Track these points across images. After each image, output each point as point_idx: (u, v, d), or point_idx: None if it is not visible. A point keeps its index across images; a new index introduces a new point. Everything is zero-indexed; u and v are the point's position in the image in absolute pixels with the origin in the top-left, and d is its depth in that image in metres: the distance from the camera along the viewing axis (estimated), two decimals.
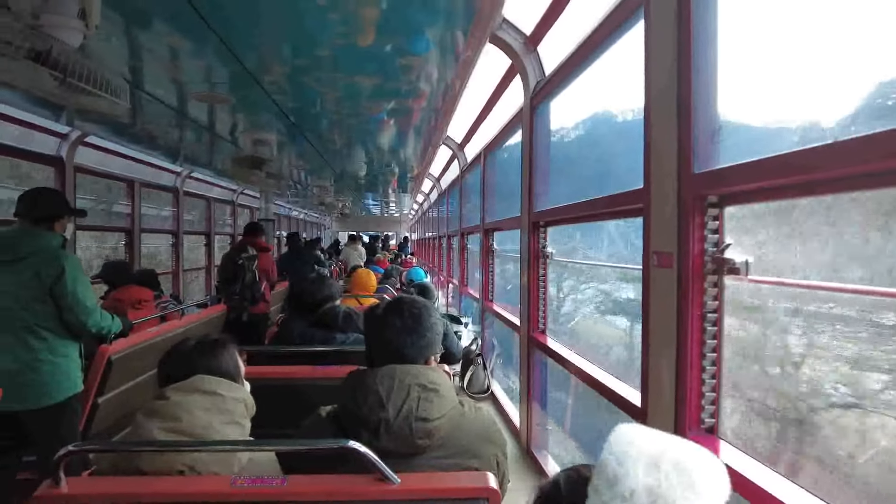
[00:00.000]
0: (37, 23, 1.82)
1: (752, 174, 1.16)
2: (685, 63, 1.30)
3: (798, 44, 1.19)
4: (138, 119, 3.95)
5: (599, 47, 1.99)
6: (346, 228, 17.81)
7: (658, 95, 1.42)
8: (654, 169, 1.45)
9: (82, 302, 2.62)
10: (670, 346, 1.35)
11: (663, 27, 1.39)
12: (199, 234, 7.48)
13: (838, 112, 1.15)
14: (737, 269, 1.21)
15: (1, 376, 2.44)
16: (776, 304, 1.35)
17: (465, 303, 5.87)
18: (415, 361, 1.43)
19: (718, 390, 1.31)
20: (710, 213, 1.28)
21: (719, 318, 1.30)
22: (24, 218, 2.56)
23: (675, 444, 0.65)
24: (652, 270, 1.44)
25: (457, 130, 5.05)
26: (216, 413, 1.43)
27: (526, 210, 2.80)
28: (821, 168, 1.00)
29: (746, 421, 1.41)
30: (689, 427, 1.31)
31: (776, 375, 1.47)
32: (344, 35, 2.35)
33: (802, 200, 1.20)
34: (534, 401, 2.80)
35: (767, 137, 1.32)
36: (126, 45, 2.54)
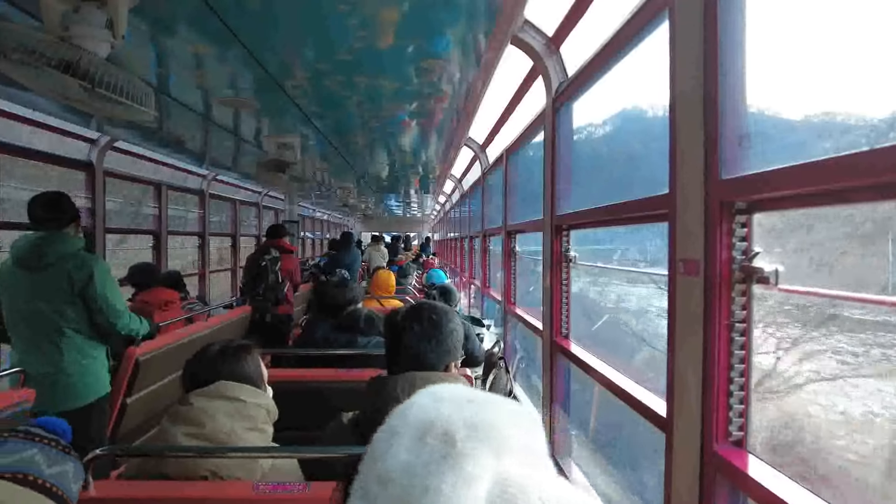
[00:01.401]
0: (66, 34, 1.87)
1: (782, 181, 1.12)
2: (712, 65, 1.26)
3: (831, 45, 1.15)
4: (165, 124, 4.04)
5: (623, 48, 1.96)
6: (368, 229, 17.95)
7: (683, 98, 1.39)
8: (679, 174, 1.41)
9: (113, 305, 2.69)
10: (696, 356, 1.32)
11: (689, 28, 1.35)
12: (225, 236, 7.60)
13: (876, 117, 1.10)
14: (766, 278, 1.17)
15: (32, 379, 2.51)
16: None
17: (488, 304, 5.85)
18: (435, 368, 1.44)
19: (747, 402, 1.27)
20: (738, 220, 1.24)
21: (748, 327, 1.26)
22: (47, 223, 2.62)
23: (463, 407, 0.52)
24: (678, 278, 1.41)
25: (479, 132, 5.04)
26: (239, 419, 1.45)
27: (548, 213, 2.77)
28: (856, 176, 0.96)
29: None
30: (716, 440, 1.27)
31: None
32: (364, 38, 2.36)
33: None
34: (557, 407, 2.77)
35: (799, 143, 1.28)
36: (152, 53, 2.59)
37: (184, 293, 4.82)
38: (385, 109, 3.58)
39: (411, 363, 1.43)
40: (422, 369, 1.42)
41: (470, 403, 0.52)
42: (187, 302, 4.73)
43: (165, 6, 2.09)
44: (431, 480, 0.45)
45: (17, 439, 0.99)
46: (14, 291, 2.59)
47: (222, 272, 7.59)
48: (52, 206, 2.64)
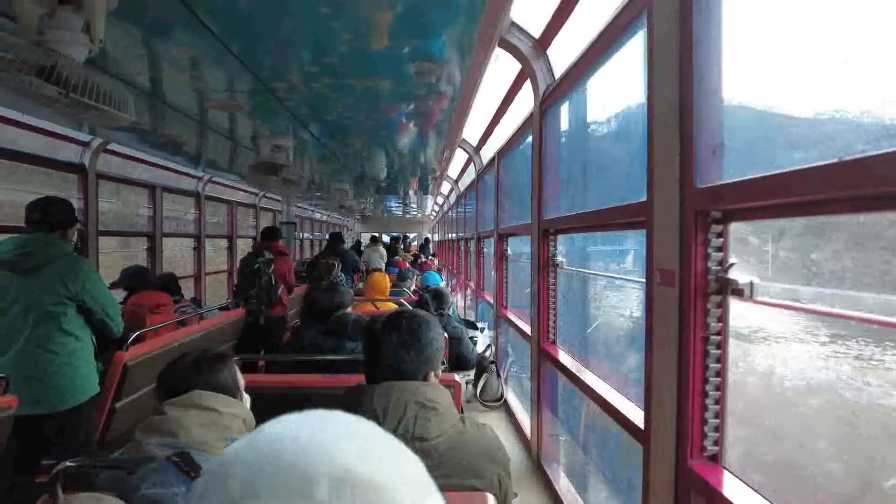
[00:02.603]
0: (42, 38, 1.84)
1: (757, 190, 1.09)
2: (687, 75, 1.23)
3: (807, 57, 1.12)
4: (158, 126, 4.02)
5: (606, 53, 1.93)
6: (368, 229, 17.94)
7: (660, 106, 1.36)
8: (656, 181, 1.38)
9: (109, 307, 2.70)
10: (672, 369, 1.29)
11: (665, 39, 1.32)
12: (222, 238, 7.58)
13: (851, 129, 1.07)
14: (741, 290, 1.14)
15: (23, 381, 2.50)
16: None
17: (483, 308, 5.82)
18: (414, 377, 1.41)
19: (723, 417, 1.24)
20: (714, 230, 1.21)
21: (723, 340, 1.23)
22: (39, 226, 2.61)
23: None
24: (655, 288, 1.38)
25: (473, 133, 5.01)
26: (213, 429, 1.42)
27: (536, 217, 2.74)
28: (830, 187, 0.94)
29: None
30: (690, 455, 1.24)
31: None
32: (352, 42, 2.35)
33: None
34: (544, 412, 2.74)
35: (775, 153, 1.25)
36: (143, 57, 2.57)
37: (177, 296, 4.80)
38: (376, 111, 3.56)
39: (389, 373, 1.40)
40: (400, 379, 1.40)
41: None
42: (180, 305, 4.71)
43: (151, 11, 2.07)
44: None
45: (173, 469, 0.94)
46: (2, 293, 2.58)
47: (220, 273, 7.58)
48: (41, 209, 2.64)
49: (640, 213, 1.47)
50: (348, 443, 0.37)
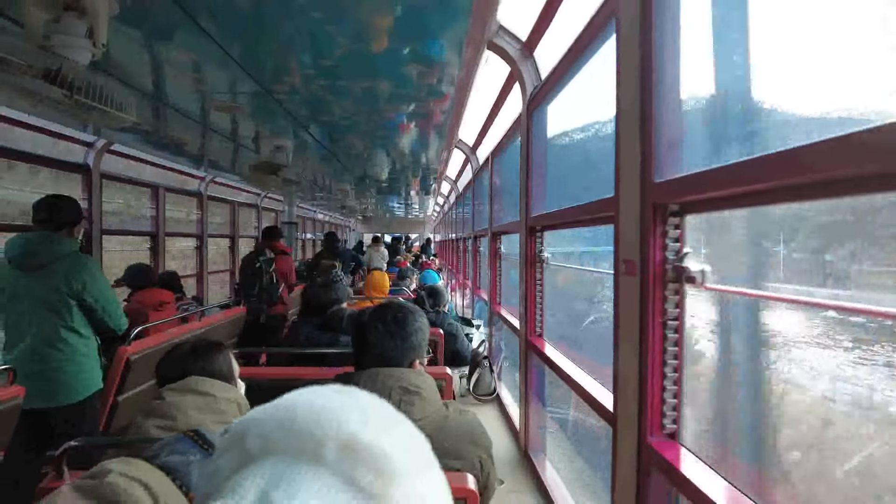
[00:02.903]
0: (48, 43, 1.94)
1: (711, 183, 1.17)
2: (647, 76, 1.32)
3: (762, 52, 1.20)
4: (160, 127, 4.12)
5: (584, 56, 2.02)
6: (370, 230, 18.04)
7: (625, 106, 1.44)
8: (622, 178, 1.47)
9: (113, 304, 2.79)
10: (635, 352, 1.37)
11: (629, 44, 1.41)
12: (224, 238, 7.69)
13: (793, 122, 1.16)
14: (693, 277, 1.22)
15: (29, 376, 2.59)
16: None
17: (479, 305, 5.90)
18: (399, 364, 1.49)
19: (680, 397, 1.32)
20: (671, 222, 1.29)
21: (680, 325, 1.31)
22: (45, 225, 2.70)
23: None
24: (620, 278, 1.47)
25: (469, 134, 5.10)
26: (209, 413, 1.50)
27: (523, 215, 2.82)
28: (780, 176, 1.01)
29: None
30: (651, 432, 1.32)
31: None
32: (346, 46, 2.43)
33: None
34: (531, 403, 2.82)
35: (729, 147, 1.33)
36: (137, 60, 2.67)
37: (179, 294, 4.90)
38: (373, 113, 3.65)
39: (376, 360, 1.48)
40: (386, 366, 1.47)
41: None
42: (183, 302, 4.82)
43: (152, 16, 2.16)
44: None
45: (189, 441, 1.03)
46: (9, 290, 2.67)
47: (222, 273, 7.68)
48: (48, 208, 2.72)
49: (609, 207, 1.55)
50: (357, 412, 0.41)
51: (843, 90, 1.09)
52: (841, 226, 1.17)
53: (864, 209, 1.10)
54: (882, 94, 0.99)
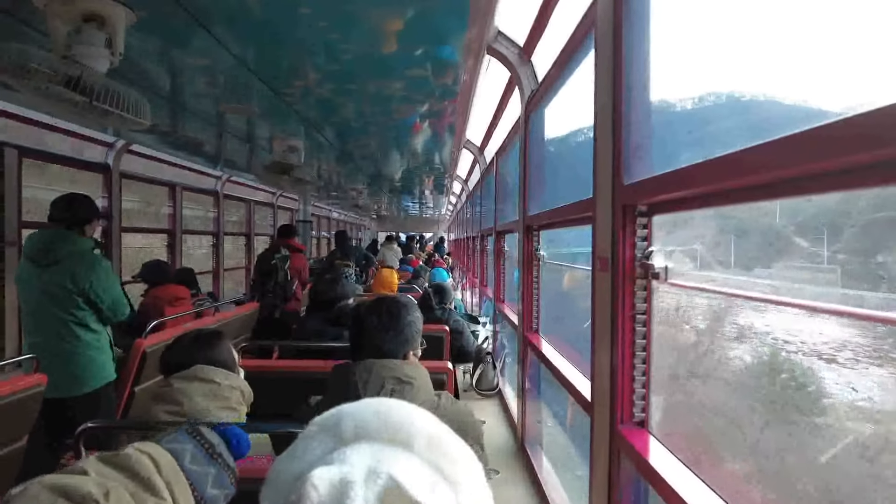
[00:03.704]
0: (69, 52, 2.07)
1: (675, 184, 1.25)
2: (618, 82, 1.40)
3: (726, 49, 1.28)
4: (177, 128, 4.28)
5: (573, 62, 2.10)
6: (384, 229, 18.19)
7: (600, 110, 1.52)
8: (598, 180, 1.55)
9: (113, 300, 2.91)
10: (607, 345, 1.45)
11: (604, 52, 1.49)
12: (240, 235, 7.86)
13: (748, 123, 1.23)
14: (658, 273, 1.30)
15: (46, 368, 2.73)
16: None
17: (487, 303, 5.99)
18: (393, 356, 1.57)
19: (648, 387, 1.40)
20: (640, 222, 1.37)
21: (648, 319, 1.39)
22: (59, 222, 2.83)
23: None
24: (596, 274, 1.55)
25: (476, 135, 5.18)
26: (213, 399, 1.61)
27: (521, 214, 2.91)
28: (742, 175, 1.06)
29: None
30: (621, 420, 1.41)
31: None
32: (351, 50, 2.54)
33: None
34: (528, 397, 2.91)
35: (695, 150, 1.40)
36: (153, 66, 2.81)
37: (195, 289, 5.06)
38: (383, 114, 3.75)
39: (371, 351, 1.57)
40: (381, 357, 1.56)
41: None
42: (198, 298, 4.98)
43: (167, 25, 2.29)
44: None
45: (186, 434, 1.15)
46: (26, 284, 2.81)
47: (238, 270, 7.85)
48: (61, 206, 2.85)
49: (589, 208, 1.64)
50: (434, 419, 0.51)
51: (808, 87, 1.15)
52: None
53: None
54: (851, 86, 1.02)
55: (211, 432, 1.21)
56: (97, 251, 2.94)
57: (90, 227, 2.94)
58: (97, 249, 2.95)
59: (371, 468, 0.42)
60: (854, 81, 1.01)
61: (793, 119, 1.09)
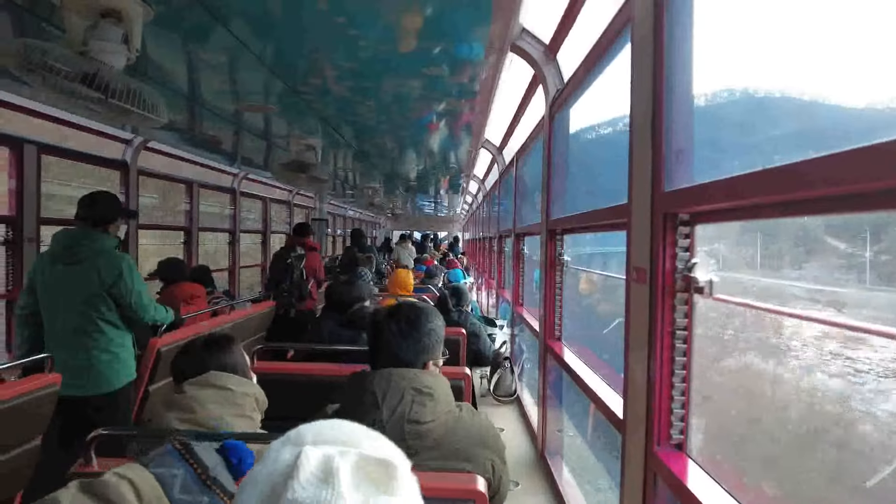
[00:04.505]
0: (86, 49, 2.03)
1: (721, 193, 1.16)
2: (659, 84, 1.31)
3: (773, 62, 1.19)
4: (194, 126, 4.26)
5: (604, 60, 2.01)
6: (399, 227, 18.18)
7: (637, 113, 1.44)
8: (634, 185, 1.47)
9: (140, 300, 2.89)
10: (643, 361, 1.37)
11: (642, 50, 1.41)
12: (256, 233, 7.86)
13: (811, 132, 1.14)
14: (701, 287, 1.22)
15: (66, 366, 2.71)
16: None
17: (504, 306, 5.91)
18: (412, 365, 1.50)
19: (687, 407, 1.32)
20: (681, 232, 1.29)
21: (689, 335, 1.31)
22: (84, 221, 2.82)
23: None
24: (631, 285, 1.46)
25: (495, 134, 5.11)
26: (227, 406, 1.55)
27: (544, 217, 2.83)
28: (793, 188, 0.99)
29: None
30: (657, 442, 1.32)
31: None
32: (370, 48, 2.48)
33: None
34: (549, 407, 2.83)
35: (743, 157, 1.31)
36: (170, 63, 2.77)
37: (210, 287, 5.04)
38: (398, 113, 3.70)
39: (389, 360, 1.50)
40: (399, 366, 1.49)
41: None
42: (213, 296, 4.96)
43: (185, 21, 2.25)
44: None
45: (177, 454, 1.09)
46: (50, 283, 2.80)
47: (254, 267, 7.85)
48: (87, 205, 2.84)
49: (623, 214, 1.55)
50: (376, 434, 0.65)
51: (868, 96, 1.06)
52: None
53: None
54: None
55: (209, 450, 1.13)
56: (118, 249, 2.92)
57: (114, 225, 2.92)
58: (119, 248, 2.93)
59: (342, 450, 0.57)
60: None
61: (861, 129, 1.00)
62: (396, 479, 0.58)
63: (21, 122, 3.57)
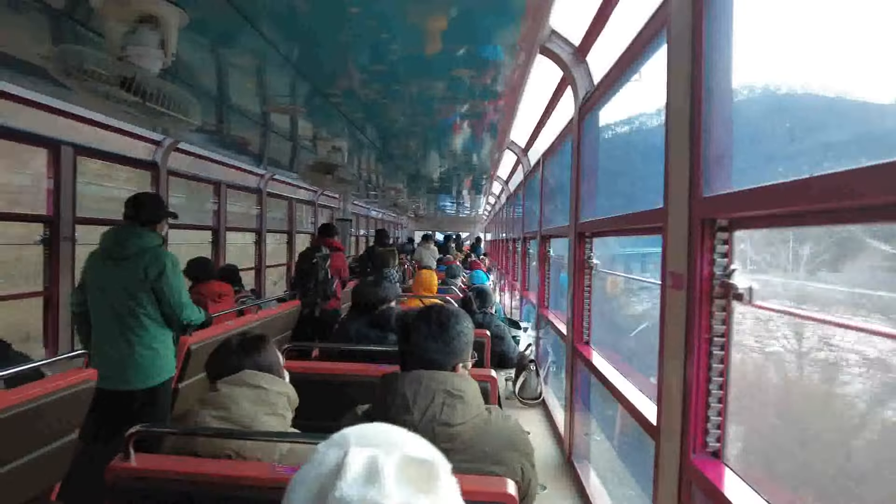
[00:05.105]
0: (124, 54, 2.08)
1: (762, 199, 1.14)
2: (697, 86, 1.29)
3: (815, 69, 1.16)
4: (223, 127, 4.32)
5: (637, 62, 1.99)
6: (421, 228, 18.23)
7: (674, 117, 1.42)
8: (671, 189, 1.45)
9: (178, 297, 2.95)
10: (679, 368, 1.35)
11: (679, 52, 1.39)
12: (282, 233, 7.95)
13: (855, 139, 1.11)
14: (741, 294, 1.19)
15: (111, 360, 2.79)
16: None
17: (528, 308, 5.88)
18: (442, 367, 1.50)
19: (724, 415, 1.30)
20: (720, 237, 1.27)
21: (727, 342, 1.28)
22: (132, 220, 2.91)
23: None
24: (666, 291, 1.45)
25: (521, 136, 5.09)
26: (260, 405, 1.58)
27: (573, 220, 2.80)
28: (837, 196, 0.97)
29: None
30: (693, 450, 1.30)
31: None
32: (400, 51, 2.49)
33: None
34: (577, 411, 2.80)
35: (783, 162, 1.29)
36: (202, 66, 2.82)
37: (238, 286, 5.11)
38: (425, 114, 3.71)
39: (419, 362, 1.50)
40: (429, 368, 1.49)
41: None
42: (241, 295, 5.02)
43: (217, 25, 2.28)
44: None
45: None
46: (99, 278, 2.89)
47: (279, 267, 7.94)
48: (135, 205, 2.95)
49: (658, 218, 1.53)
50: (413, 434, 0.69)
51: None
52: None
53: None
54: None
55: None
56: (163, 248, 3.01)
57: (160, 224, 3.04)
58: (163, 246, 3.02)
59: (386, 451, 0.60)
60: None
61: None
62: (439, 479, 0.61)
63: (57, 125, 3.67)
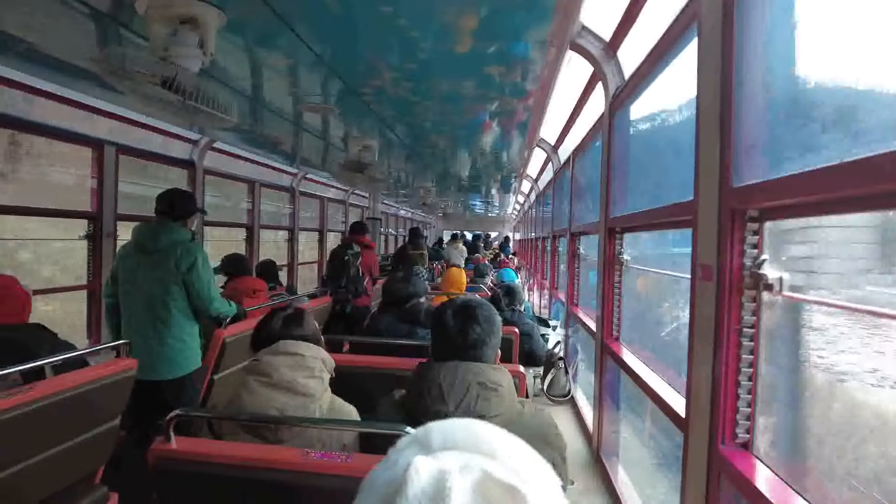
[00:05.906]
0: (166, 54, 2.17)
1: (793, 188, 1.14)
2: (728, 78, 1.29)
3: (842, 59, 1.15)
4: (257, 127, 4.43)
5: (667, 57, 1.98)
6: (450, 227, 18.27)
7: (705, 109, 1.42)
8: (701, 181, 1.45)
9: (207, 290, 3.05)
10: (708, 359, 1.35)
11: (710, 45, 1.39)
12: (313, 231, 8.08)
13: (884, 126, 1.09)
14: (771, 285, 1.19)
15: (141, 351, 2.89)
16: None
17: (556, 306, 5.85)
18: (473, 359, 1.52)
19: (754, 406, 1.29)
20: (750, 228, 1.26)
21: (756, 333, 1.28)
22: (164, 215, 3.02)
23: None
24: (697, 283, 1.44)
25: (550, 133, 5.07)
26: (298, 370, 1.72)
27: (603, 215, 2.80)
28: (870, 182, 0.96)
29: None
30: (722, 441, 1.30)
31: None
32: (432, 49, 2.52)
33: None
34: (605, 407, 2.80)
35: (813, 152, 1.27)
36: (238, 66, 2.90)
37: (273, 283, 5.21)
38: (456, 112, 3.73)
39: (448, 353, 1.53)
40: (461, 359, 1.51)
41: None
42: (275, 292, 5.12)
43: (253, 26, 2.36)
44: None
45: None
46: (131, 271, 3.00)
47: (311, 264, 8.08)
48: (167, 201, 3.05)
49: (688, 211, 1.53)
50: (514, 438, 0.57)
51: None
52: None
53: None
54: None
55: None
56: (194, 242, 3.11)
57: (191, 219, 3.14)
58: (194, 241, 3.11)
59: (464, 464, 0.49)
60: None
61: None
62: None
63: (100, 125, 3.81)
